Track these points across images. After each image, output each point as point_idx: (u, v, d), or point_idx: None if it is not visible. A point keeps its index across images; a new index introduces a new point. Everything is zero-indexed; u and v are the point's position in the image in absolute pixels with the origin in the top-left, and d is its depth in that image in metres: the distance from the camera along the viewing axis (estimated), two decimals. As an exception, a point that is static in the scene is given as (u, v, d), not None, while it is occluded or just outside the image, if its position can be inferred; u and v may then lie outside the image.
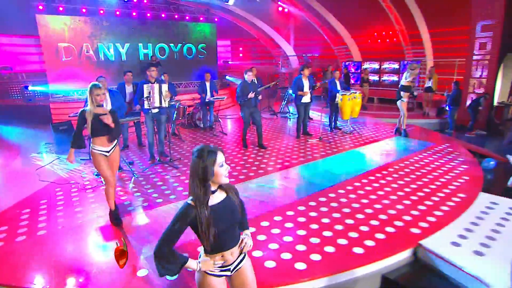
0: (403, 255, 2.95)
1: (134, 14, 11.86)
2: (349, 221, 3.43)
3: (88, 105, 3.28)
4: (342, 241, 3.06)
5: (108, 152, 3.40)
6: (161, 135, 5.66)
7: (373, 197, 4.04)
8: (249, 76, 6.03)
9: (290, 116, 9.72)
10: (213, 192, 1.63)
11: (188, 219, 1.57)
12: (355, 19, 14.05)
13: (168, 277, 2.49)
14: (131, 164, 5.49)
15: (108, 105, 4.66)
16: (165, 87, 5.30)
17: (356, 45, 15.05)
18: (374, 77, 14.25)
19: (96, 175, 4.93)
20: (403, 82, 7.17)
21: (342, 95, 7.03)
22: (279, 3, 13.93)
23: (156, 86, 5.16)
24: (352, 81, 13.31)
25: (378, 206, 3.79)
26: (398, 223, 3.37)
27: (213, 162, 1.56)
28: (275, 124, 8.89)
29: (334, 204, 3.84)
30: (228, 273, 1.75)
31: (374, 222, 3.40)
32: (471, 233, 3.15)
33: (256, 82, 7.38)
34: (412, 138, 7.09)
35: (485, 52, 9.93)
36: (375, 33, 14.35)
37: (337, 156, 5.83)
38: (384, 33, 14.01)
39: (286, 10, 14.50)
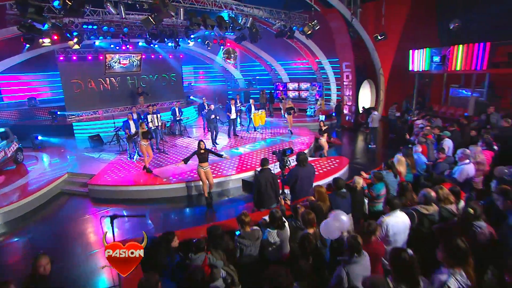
0: (250, 173, 8.82)
1: (123, 57, 17.12)
2: (236, 164, 9.29)
3: (139, 127, 8.91)
4: (230, 172, 8.90)
5: (145, 144, 9.02)
6: (158, 140, 11.25)
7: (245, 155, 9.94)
8: (212, 106, 11.79)
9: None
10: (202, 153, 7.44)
11: (195, 152, 7.41)
12: (279, 53, 20.18)
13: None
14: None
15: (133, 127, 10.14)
16: (158, 116, 10.93)
17: (283, 70, 21.21)
18: (295, 93, 20.48)
19: (129, 158, 10.40)
20: (287, 104, 13.24)
21: (254, 113, 13.00)
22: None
23: (155, 116, 10.78)
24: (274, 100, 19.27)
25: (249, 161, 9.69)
26: (253, 165, 9.26)
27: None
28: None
29: (231, 163, 9.67)
30: (203, 169, 7.54)
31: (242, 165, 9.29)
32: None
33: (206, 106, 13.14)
34: (294, 134, 13.20)
35: (349, 81, 16.34)
36: (295, 62, 20.60)
37: (246, 145, 11.72)
38: (300, 62, 20.29)
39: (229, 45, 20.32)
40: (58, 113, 15.27)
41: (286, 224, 4.14)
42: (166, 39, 13.52)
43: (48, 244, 6.59)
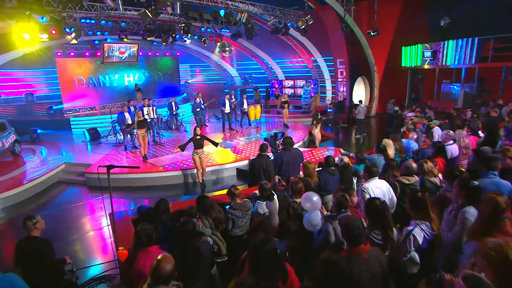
0: (244, 163, 9.00)
1: (120, 54, 17.28)
2: (231, 155, 9.47)
3: (135, 117, 9.07)
4: (225, 161, 9.10)
5: (142, 134, 9.18)
6: (154, 131, 11.42)
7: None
8: (197, 100, 11.97)
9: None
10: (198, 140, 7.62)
11: (191, 139, 7.60)
12: (276, 51, 20.40)
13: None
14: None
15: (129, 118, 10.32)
16: (153, 108, 11.13)
17: (279, 68, 21.46)
18: (291, 90, 20.71)
19: (124, 150, 10.56)
20: (282, 98, 13.45)
21: (248, 107, 13.20)
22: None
23: (150, 108, 10.96)
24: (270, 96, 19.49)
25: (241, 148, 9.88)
26: (248, 155, 9.45)
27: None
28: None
29: (225, 153, 9.86)
30: (198, 155, 7.72)
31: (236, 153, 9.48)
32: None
33: (202, 101, 13.32)
34: (289, 128, 13.43)
35: (343, 77, 16.60)
36: (291, 60, 20.85)
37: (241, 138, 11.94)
38: (296, 60, 20.54)
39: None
40: (54, 108, 15.38)
41: (275, 197, 4.33)
42: (163, 35, 13.70)
43: (48, 224, 6.76)
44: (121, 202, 7.59)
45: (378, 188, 3.75)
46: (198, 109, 11.97)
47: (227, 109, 12.83)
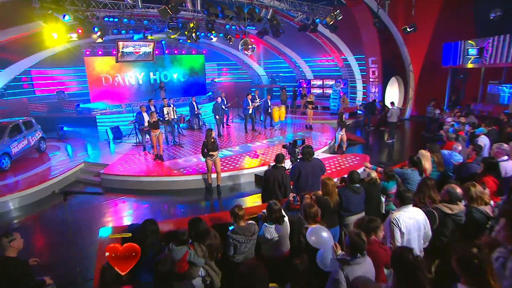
0: (264, 168, 8.43)
1: (146, 52, 17.29)
2: (250, 159, 8.93)
3: (149, 117, 8.79)
4: (243, 166, 8.56)
5: (156, 135, 8.89)
6: (173, 133, 11.14)
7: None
8: (218, 99, 11.56)
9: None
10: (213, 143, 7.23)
11: (206, 143, 7.17)
12: (304, 50, 19.53)
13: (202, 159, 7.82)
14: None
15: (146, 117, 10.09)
16: (173, 108, 10.83)
17: (307, 67, 20.59)
18: (319, 91, 19.79)
19: (143, 150, 10.38)
20: (308, 98, 12.70)
21: (273, 107, 12.59)
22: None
23: (170, 108, 10.67)
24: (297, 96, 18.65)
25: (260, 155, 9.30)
26: (268, 161, 8.87)
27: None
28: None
29: (244, 158, 9.33)
30: (211, 158, 7.31)
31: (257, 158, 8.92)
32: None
33: (224, 100, 12.90)
34: (313, 130, 12.65)
35: (375, 77, 15.50)
36: (320, 59, 19.90)
37: (263, 140, 11.35)
38: (325, 59, 19.57)
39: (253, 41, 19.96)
40: (80, 105, 15.68)
41: (286, 219, 3.73)
42: (186, 33, 13.40)
43: (59, 227, 6.66)
44: (128, 207, 7.30)
45: (412, 218, 3.02)
46: (219, 109, 11.58)
47: (251, 110, 12.32)
